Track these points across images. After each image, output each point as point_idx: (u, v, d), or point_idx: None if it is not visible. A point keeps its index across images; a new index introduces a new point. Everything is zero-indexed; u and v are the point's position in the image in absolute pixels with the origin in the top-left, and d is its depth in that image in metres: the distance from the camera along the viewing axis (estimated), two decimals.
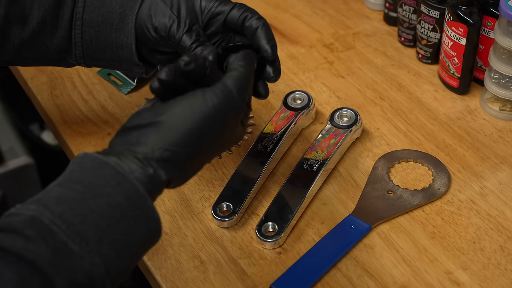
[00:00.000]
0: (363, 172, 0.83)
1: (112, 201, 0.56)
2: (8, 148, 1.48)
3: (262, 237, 0.74)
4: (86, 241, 0.54)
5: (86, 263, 0.53)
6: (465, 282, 0.71)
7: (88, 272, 0.53)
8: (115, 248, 0.55)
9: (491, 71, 0.88)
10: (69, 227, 0.54)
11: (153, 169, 0.59)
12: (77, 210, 0.55)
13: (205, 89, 0.62)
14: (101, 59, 0.77)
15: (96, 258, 0.54)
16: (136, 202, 0.57)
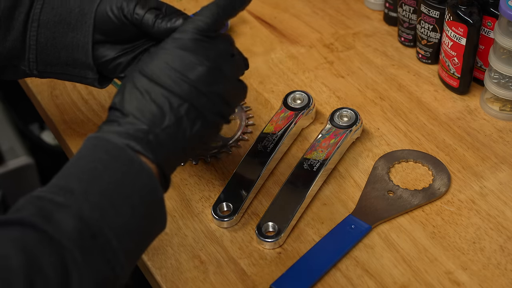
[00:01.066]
0: (363, 172, 0.83)
1: (91, 158, 0.59)
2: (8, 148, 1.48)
3: (262, 237, 0.74)
4: (70, 192, 0.56)
5: (75, 209, 0.54)
6: (465, 282, 0.71)
7: (79, 217, 0.54)
8: (106, 198, 0.56)
9: (491, 71, 0.88)
10: (52, 187, 0.57)
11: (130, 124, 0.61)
12: (61, 174, 0.58)
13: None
14: (54, 64, 0.75)
15: (85, 205, 0.55)
16: (116, 156, 0.58)
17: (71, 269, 0.52)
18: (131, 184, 0.58)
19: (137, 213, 0.58)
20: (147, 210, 0.59)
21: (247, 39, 1.04)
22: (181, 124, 0.62)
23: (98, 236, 0.55)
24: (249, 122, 0.90)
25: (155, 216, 0.60)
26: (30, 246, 0.52)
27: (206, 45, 0.64)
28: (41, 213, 0.54)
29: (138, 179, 0.59)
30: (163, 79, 0.62)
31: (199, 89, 0.63)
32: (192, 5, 1.11)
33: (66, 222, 0.54)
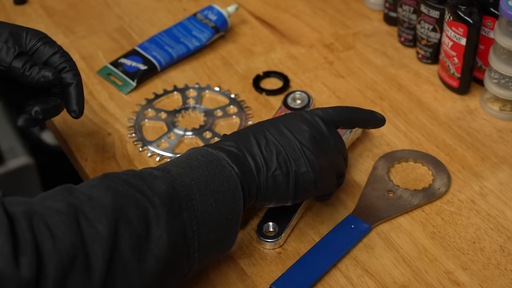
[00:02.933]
0: (363, 172, 0.83)
1: (190, 155, 0.66)
2: (8, 148, 1.48)
3: (263, 237, 0.74)
4: (168, 171, 0.63)
5: (169, 180, 0.62)
6: (465, 282, 0.71)
7: (171, 185, 0.61)
8: (196, 184, 0.63)
9: (491, 71, 0.88)
10: (154, 168, 0.64)
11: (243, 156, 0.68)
12: (160, 165, 0.66)
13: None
14: None
15: (178, 182, 0.62)
16: (211, 160, 0.66)
17: (153, 225, 0.58)
18: (219, 184, 0.64)
19: (218, 211, 0.64)
20: (227, 212, 0.65)
21: (247, 39, 1.04)
22: (269, 162, 0.68)
23: (184, 210, 0.61)
24: (249, 122, 0.90)
25: (230, 228, 0.66)
26: (121, 196, 0.59)
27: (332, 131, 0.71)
28: (139, 176, 0.62)
29: (226, 182, 0.65)
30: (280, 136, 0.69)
31: (320, 168, 0.69)
32: (192, 5, 1.11)
33: (160, 186, 0.61)
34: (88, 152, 0.86)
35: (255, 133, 0.69)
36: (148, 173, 0.63)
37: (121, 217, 0.57)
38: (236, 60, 1.00)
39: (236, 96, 0.93)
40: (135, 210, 0.58)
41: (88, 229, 0.55)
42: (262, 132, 0.69)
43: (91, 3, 1.11)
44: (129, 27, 1.06)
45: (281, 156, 0.68)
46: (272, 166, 0.68)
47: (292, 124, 0.70)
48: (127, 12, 1.09)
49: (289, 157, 0.68)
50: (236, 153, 0.67)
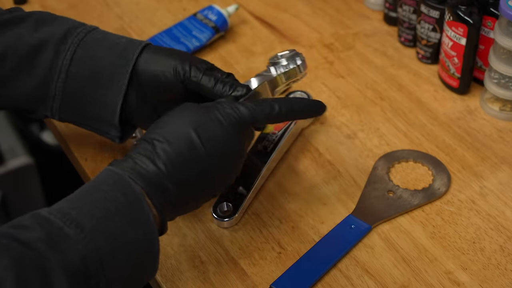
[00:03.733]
0: (363, 172, 0.83)
1: (109, 196, 0.59)
2: (8, 148, 1.48)
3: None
4: (81, 227, 0.56)
5: (81, 247, 0.55)
6: (465, 282, 0.71)
7: (82, 257, 0.55)
8: (109, 242, 0.57)
9: (491, 71, 0.88)
10: (65, 215, 0.57)
11: (159, 174, 0.62)
12: (75, 204, 0.59)
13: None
14: (78, 115, 0.75)
15: (90, 245, 0.56)
16: (131, 202, 0.60)
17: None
18: (134, 233, 0.59)
19: (132, 261, 0.59)
20: (142, 259, 0.60)
21: (247, 39, 1.04)
22: (198, 195, 0.67)
23: (91, 278, 0.56)
24: None
25: (147, 266, 0.62)
26: (27, 271, 0.52)
27: (243, 137, 0.68)
28: (50, 241, 0.55)
29: (142, 230, 0.60)
30: (206, 143, 0.64)
31: (227, 167, 0.67)
32: (192, 5, 1.11)
33: (71, 260, 0.55)
34: (88, 152, 0.86)
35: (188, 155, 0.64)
36: (59, 228, 0.56)
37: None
38: (236, 60, 1.00)
39: None
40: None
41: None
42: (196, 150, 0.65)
43: (91, 3, 1.11)
44: (129, 27, 1.06)
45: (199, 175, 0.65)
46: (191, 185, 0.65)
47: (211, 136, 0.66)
48: (127, 12, 1.09)
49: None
50: (160, 184, 0.62)
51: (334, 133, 0.88)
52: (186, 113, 0.66)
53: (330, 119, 0.90)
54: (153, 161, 0.62)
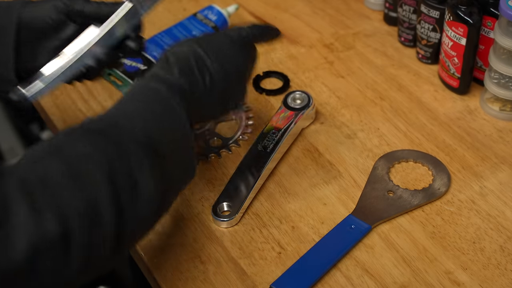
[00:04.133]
0: (363, 172, 0.83)
1: (140, 99, 0.67)
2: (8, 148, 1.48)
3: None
4: (147, 134, 0.64)
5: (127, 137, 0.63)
6: (465, 282, 0.71)
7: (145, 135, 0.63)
8: (148, 133, 0.64)
9: (491, 71, 0.88)
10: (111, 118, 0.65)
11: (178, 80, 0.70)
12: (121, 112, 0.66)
13: None
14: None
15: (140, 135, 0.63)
16: (161, 100, 0.67)
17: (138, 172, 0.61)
18: (170, 124, 0.66)
19: (175, 153, 0.65)
20: (180, 152, 0.67)
21: None
22: (211, 95, 0.72)
23: (160, 155, 0.63)
24: (249, 122, 0.90)
25: (187, 161, 0.68)
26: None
27: (245, 51, 0.77)
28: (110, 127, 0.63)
29: (176, 121, 0.67)
30: (215, 58, 0.72)
31: (237, 81, 0.75)
32: (192, 5, 1.11)
33: (137, 136, 0.62)
34: None
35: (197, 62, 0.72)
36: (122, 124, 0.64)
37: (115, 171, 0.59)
38: None
39: None
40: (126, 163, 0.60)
41: (91, 188, 0.57)
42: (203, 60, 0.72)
43: None
44: None
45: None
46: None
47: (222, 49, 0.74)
48: None
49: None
50: (185, 89, 0.70)
51: (334, 133, 0.88)
52: (193, 38, 0.74)
53: (330, 119, 0.90)
54: (168, 70, 0.70)
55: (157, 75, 0.70)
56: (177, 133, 0.67)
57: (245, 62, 0.76)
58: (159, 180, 0.62)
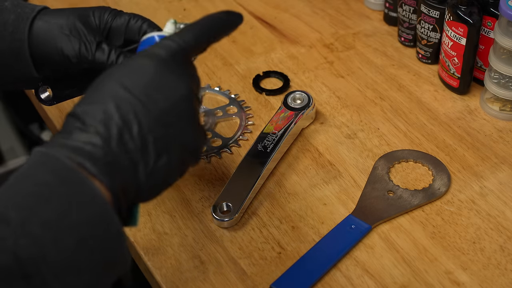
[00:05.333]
0: (363, 172, 0.83)
1: (36, 180, 0.50)
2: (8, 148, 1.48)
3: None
4: (6, 222, 0.47)
5: (9, 243, 0.46)
6: (465, 282, 0.71)
7: (11, 252, 0.46)
8: (49, 229, 0.48)
9: (491, 71, 0.88)
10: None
11: (87, 136, 0.52)
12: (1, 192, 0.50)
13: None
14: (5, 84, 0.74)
15: (22, 239, 0.46)
16: (65, 178, 0.50)
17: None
18: (79, 214, 0.49)
19: (85, 248, 0.49)
20: (99, 243, 0.50)
21: (247, 39, 1.04)
22: (145, 154, 0.54)
23: (32, 276, 0.46)
24: (249, 122, 0.90)
25: (111, 250, 0.51)
26: None
27: (183, 70, 0.58)
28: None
29: (88, 208, 0.50)
30: (140, 96, 0.54)
31: (170, 120, 0.55)
32: (192, 5, 1.11)
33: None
34: None
35: (121, 113, 0.54)
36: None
37: None
38: (236, 60, 1.00)
39: (236, 96, 0.93)
40: None
41: None
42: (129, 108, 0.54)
43: (91, 3, 1.11)
44: None
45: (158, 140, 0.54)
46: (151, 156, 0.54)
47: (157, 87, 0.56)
48: None
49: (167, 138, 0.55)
50: (102, 151, 0.52)
51: (334, 133, 0.88)
52: (107, 74, 0.56)
53: (330, 119, 0.90)
54: (79, 127, 0.53)
55: (62, 139, 0.53)
56: (83, 217, 0.49)
57: (186, 87, 0.57)
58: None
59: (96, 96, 0.54)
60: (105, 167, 0.52)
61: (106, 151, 0.52)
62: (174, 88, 0.56)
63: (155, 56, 0.57)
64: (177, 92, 0.56)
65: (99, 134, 0.52)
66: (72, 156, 0.51)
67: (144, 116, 0.54)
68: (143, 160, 0.54)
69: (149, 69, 0.56)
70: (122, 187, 0.53)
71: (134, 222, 0.56)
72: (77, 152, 0.51)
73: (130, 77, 0.55)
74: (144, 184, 0.54)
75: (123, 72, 0.56)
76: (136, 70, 0.56)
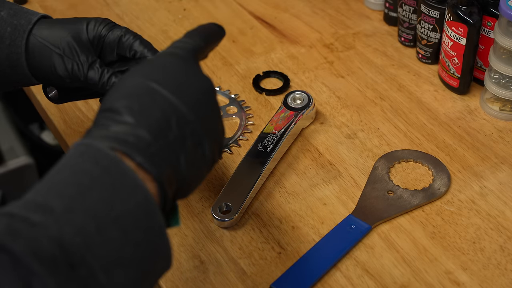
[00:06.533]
0: (363, 172, 0.83)
1: (77, 169, 0.49)
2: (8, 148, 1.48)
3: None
4: (50, 211, 0.46)
5: (53, 231, 0.45)
6: (465, 282, 0.71)
7: (55, 240, 0.45)
8: (93, 218, 0.47)
9: (491, 71, 0.88)
10: (28, 203, 0.47)
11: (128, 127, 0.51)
12: (40, 187, 0.49)
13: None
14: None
15: (66, 227, 0.46)
16: (107, 168, 0.49)
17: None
18: (123, 204, 0.48)
19: (130, 240, 0.48)
20: (142, 236, 0.49)
21: (247, 39, 1.04)
22: (184, 145, 0.54)
23: (79, 266, 0.45)
24: (249, 122, 0.90)
25: (154, 245, 0.50)
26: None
27: (200, 68, 0.59)
28: (11, 231, 0.44)
29: (132, 198, 0.49)
30: (172, 89, 0.54)
31: (206, 113, 0.56)
32: (192, 5, 1.11)
33: (41, 245, 0.44)
34: None
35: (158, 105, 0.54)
36: (23, 219, 0.46)
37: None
38: (236, 60, 1.00)
39: (236, 96, 0.93)
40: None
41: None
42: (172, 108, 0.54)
43: (91, 3, 1.11)
44: (129, 27, 1.06)
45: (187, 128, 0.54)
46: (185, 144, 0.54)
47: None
48: (127, 12, 1.09)
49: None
50: (145, 141, 0.52)
51: (334, 133, 0.88)
52: (133, 71, 0.57)
53: (330, 119, 0.90)
54: (117, 120, 0.52)
55: (102, 130, 0.52)
56: (127, 208, 0.48)
57: (209, 81, 0.58)
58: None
59: (128, 91, 0.54)
60: (151, 158, 0.51)
61: (149, 142, 0.51)
62: (200, 82, 0.57)
63: (176, 54, 0.58)
64: (204, 85, 0.57)
65: (140, 125, 0.52)
66: (116, 146, 0.50)
67: (180, 107, 0.54)
68: (183, 151, 0.54)
69: (174, 66, 0.57)
70: (168, 177, 0.52)
71: (177, 222, 0.55)
72: (121, 143, 0.51)
73: (159, 72, 0.56)
74: (186, 176, 0.54)
75: (150, 69, 0.56)
76: (163, 66, 0.57)
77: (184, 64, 0.57)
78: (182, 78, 0.56)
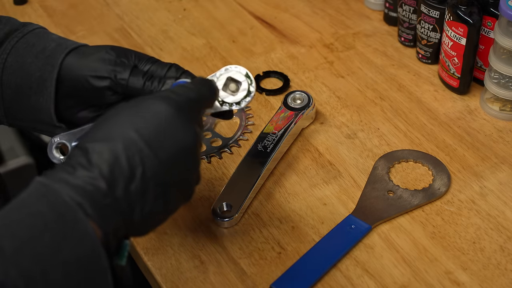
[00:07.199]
0: (363, 172, 0.83)
1: (34, 211, 0.51)
2: (8, 148, 1.48)
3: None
4: (0, 251, 0.48)
5: (0, 273, 0.47)
6: (465, 282, 0.71)
7: (1, 284, 0.46)
8: (39, 264, 0.48)
9: (491, 71, 0.88)
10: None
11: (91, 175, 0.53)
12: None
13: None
14: (23, 120, 0.72)
15: (11, 270, 0.47)
16: (62, 215, 0.51)
17: None
18: (70, 250, 0.50)
19: (74, 282, 0.50)
20: (85, 280, 0.51)
21: (247, 39, 1.04)
22: (143, 197, 0.55)
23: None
24: (249, 122, 0.90)
25: (96, 286, 0.52)
26: None
27: (195, 121, 0.60)
28: None
29: (80, 245, 0.51)
30: (149, 140, 0.55)
31: (179, 167, 0.57)
32: (192, 5, 1.11)
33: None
34: None
35: (128, 155, 0.55)
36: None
37: None
38: (236, 60, 1.00)
39: None
40: None
41: None
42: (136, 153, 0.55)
43: (91, 3, 1.11)
44: (129, 27, 1.06)
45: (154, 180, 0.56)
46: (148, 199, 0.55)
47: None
48: (127, 12, 1.09)
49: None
50: (102, 193, 0.53)
51: (334, 133, 0.88)
52: (121, 111, 0.57)
53: (330, 119, 0.90)
54: (84, 165, 0.54)
55: (66, 174, 0.54)
56: (74, 253, 0.50)
57: (193, 138, 0.58)
58: None
59: (106, 133, 0.56)
60: (103, 210, 0.53)
61: (106, 193, 0.53)
62: (182, 136, 0.57)
63: (172, 101, 0.58)
64: (186, 139, 0.58)
65: (103, 176, 0.53)
66: (73, 195, 0.52)
67: (150, 160, 0.55)
68: (140, 204, 0.55)
69: (162, 114, 0.57)
70: (114, 227, 0.54)
71: (122, 260, 0.58)
72: (78, 191, 0.52)
73: (143, 119, 0.56)
74: (137, 225, 0.56)
75: (136, 112, 0.57)
76: (149, 112, 0.57)
77: (173, 114, 0.57)
78: (165, 130, 0.56)
